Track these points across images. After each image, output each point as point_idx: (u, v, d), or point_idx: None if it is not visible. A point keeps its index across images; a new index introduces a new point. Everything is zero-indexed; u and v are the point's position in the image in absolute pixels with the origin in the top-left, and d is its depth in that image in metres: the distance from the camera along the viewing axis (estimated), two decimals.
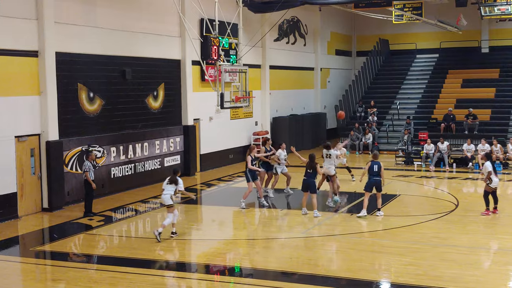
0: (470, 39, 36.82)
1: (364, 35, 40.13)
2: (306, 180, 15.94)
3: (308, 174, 15.93)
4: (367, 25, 38.50)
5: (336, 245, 13.49)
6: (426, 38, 38.30)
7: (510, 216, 16.25)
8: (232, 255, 13.16)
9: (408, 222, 15.32)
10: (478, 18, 30.95)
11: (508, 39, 36.16)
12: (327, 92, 36.46)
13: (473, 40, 37.08)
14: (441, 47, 37.85)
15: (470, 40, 36.82)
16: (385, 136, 30.65)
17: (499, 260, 12.15)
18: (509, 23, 36.02)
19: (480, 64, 35.03)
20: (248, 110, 27.37)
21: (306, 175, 15.98)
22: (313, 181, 15.88)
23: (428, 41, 38.32)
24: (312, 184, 15.86)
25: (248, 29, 25.34)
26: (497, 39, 36.82)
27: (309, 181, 15.86)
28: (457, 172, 23.82)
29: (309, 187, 15.85)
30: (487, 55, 36.90)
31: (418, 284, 10.75)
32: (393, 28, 35.30)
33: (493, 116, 30.05)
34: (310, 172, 15.88)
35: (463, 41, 36.57)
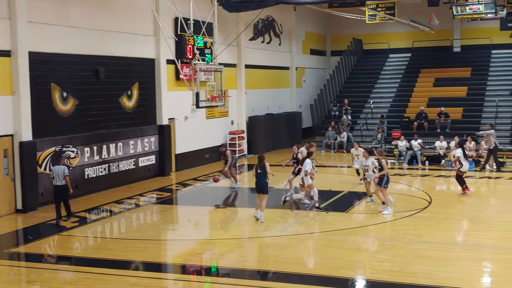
0: (442, 39, 37.30)
1: (338, 34, 40.37)
2: (259, 181, 15.38)
3: (259, 174, 15.39)
4: (341, 25, 38.73)
5: (312, 243, 13.55)
6: (399, 37, 38.68)
7: (483, 213, 16.51)
8: (209, 255, 13.15)
9: (383, 219, 15.47)
10: (450, 17, 31.30)
11: (480, 38, 36.72)
12: (303, 91, 36.61)
13: (445, 40, 37.57)
14: (413, 46, 38.27)
15: (442, 39, 37.30)
16: (360, 135, 30.89)
17: (473, 256, 12.33)
18: (480, 22, 36.51)
19: (452, 63, 35.51)
20: (223, 110, 27.34)
21: (257, 176, 15.43)
22: (265, 182, 15.37)
23: (401, 41, 38.71)
24: (264, 185, 15.38)
25: (223, 28, 25.30)
26: (469, 38, 37.36)
27: (262, 182, 15.34)
28: (429, 169, 24.09)
29: (261, 188, 15.34)
30: (459, 54, 37.42)
31: (393, 280, 10.87)
32: (366, 28, 35.55)
33: (464, 114, 30.48)
34: (260, 173, 15.37)
35: (435, 41, 37.03)
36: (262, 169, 15.37)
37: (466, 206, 17.43)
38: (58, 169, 15.66)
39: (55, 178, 15.62)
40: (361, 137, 30.72)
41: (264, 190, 15.31)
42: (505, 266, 11.67)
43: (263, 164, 15.41)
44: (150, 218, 17.08)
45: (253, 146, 29.53)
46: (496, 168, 23.30)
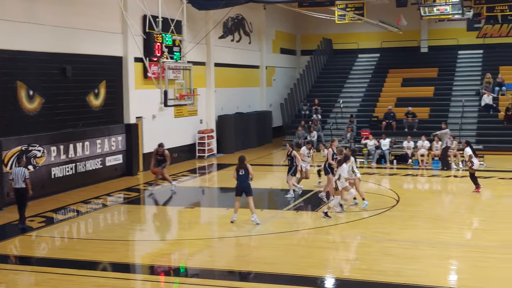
0: (410, 39, 37.68)
1: (308, 34, 40.50)
2: (242, 183, 14.99)
3: (241, 176, 15.02)
4: (311, 24, 38.85)
5: (282, 243, 13.52)
6: (368, 38, 38.97)
7: (449, 211, 16.71)
8: (177, 255, 13.02)
9: (352, 218, 15.53)
10: (418, 18, 31.68)
11: (447, 39, 37.23)
12: (273, 90, 36.62)
13: (413, 40, 37.97)
14: (382, 46, 38.60)
15: (410, 40, 37.68)
16: (329, 134, 31.00)
17: (440, 254, 12.45)
18: (447, 23, 37.01)
19: (419, 64, 35.92)
20: (192, 108, 27.16)
21: (240, 178, 15.03)
22: (249, 183, 15.07)
23: (370, 41, 39.01)
24: (249, 186, 15.07)
25: (192, 26, 25.15)
26: (436, 39, 37.84)
27: (246, 184, 15.01)
28: (397, 168, 24.32)
29: (247, 190, 15.05)
30: (426, 55, 37.87)
31: (363, 278, 10.90)
32: (336, 27, 35.75)
33: (431, 114, 30.84)
34: (243, 175, 15.02)
35: (403, 41, 37.38)
36: (245, 170, 15.00)
37: (433, 204, 17.62)
38: (18, 171, 14.92)
39: (14, 180, 14.87)
40: (330, 136, 30.81)
41: (250, 191, 15.01)
42: (471, 263, 11.81)
43: (245, 165, 15.05)
44: (117, 218, 16.87)
45: (223, 145, 29.41)
46: (442, 167, 23.67)
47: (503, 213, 16.22)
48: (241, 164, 15.02)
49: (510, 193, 18.68)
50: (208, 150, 27.85)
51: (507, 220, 15.37)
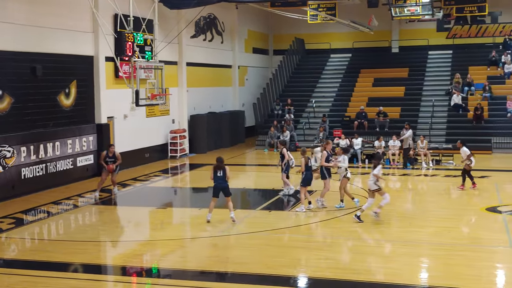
0: (381, 39, 38.05)
1: (280, 34, 40.60)
2: (220, 184, 14.84)
3: (219, 178, 14.85)
4: (283, 24, 38.96)
5: (255, 242, 13.52)
6: (340, 38, 39.22)
7: (421, 210, 16.90)
8: (149, 256, 12.93)
9: (325, 217, 15.61)
10: (389, 19, 31.97)
11: (417, 39, 37.67)
12: (245, 90, 36.63)
13: (384, 40, 38.34)
14: (353, 47, 38.89)
15: (381, 40, 38.05)
16: (302, 133, 31.14)
17: (412, 252, 12.58)
18: (418, 23, 37.45)
19: (390, 64, 36.28)
20: (164, 108, 27.02)
21: (217, 179, 14.88)
22: (227, 184, 14.97)
23: (342, 41, 39.26)
24: (227, 187, 14.98)
25: (164, 25, 25.00)
26: (407, 39, 38.26)
27: (224, 185, 14.90)
28: (369, 167, 24.42)
29: (225, 191, 14.93)
30: (397, 55, 38.26)
31: (335, 277, 10.96)
32: (308, 27, 35.88)
33: (402, 114, 31.16)
34: (221, 176, 14.86)
35: (374, 41, 37.73)
36: (223, 171, 14.88)
37: (404, 203, 17.82)
38: None
39: None
40: (303, 136, 30.98)
41: (228, 192, 14.93)
42: (442, 261, 11.95)
43: (223, 166, 14.91)
44: (89, 219, 16.70)
45: (195, 145, 29.30)
46: (403, 166, 23.99)
47: (472, 211, 16.47)
48: (220, 165, 14.91)
49: (478, 192, 18.96)
50: (180, 150, 27.74)
51: (476, 218, 15.61)
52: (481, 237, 13.75)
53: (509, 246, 12.96)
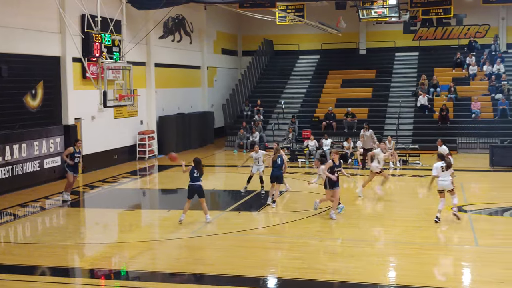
0: (349, 41, 38.39)
1: (249, 35, 40.66)
2: (195, 184, 14.79)
3: (196, 178, 14.83)
4: (252, 25, 39.05)
5: (224, 244, 13.52)
6: (308, 39, 39.45)
7: (387, 209, 17.10)
8: (118, 258, 12.83)
9: (294, 217, 15.68)
10: (357, 20, 32.30)
11: (384, 41, 38.11)
12: (214, 90, 36.58)
13: (351, 42, 38.69)
14: (322, 48, 39.15)
15: (349, 42, 38.39)
16: (271, 134, 31.22)
17: (379, 251, 12.74)
18: (385, 25, 37.97)
19: (358, 65, 36.63)
20: (132, 109, 26.83)
21: (194, 179, 14.82)
22: (201, 186, 14.91)
23: (310, 42, 39.49)
24: (201, 188, 14.90)
25: (132, 26, 24.85)
26: (374, 41, 38.68)
27: (197, 186, 14.83)
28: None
29: (199, 192, 14.88)
30: (365, 57, 38.66)
31: (303, 278, 11.04)
32: (277, 29, 36.04)
33: (370, 114, 31.50)
34: (197, 176, 14.84)
35: (342, 43, 38.05)
36: (199, 172, 14.82)
37: (372, 203, 18.00)
38: None
39: None
40: (273, 137, 31.07)
41: (202, 194, 14.89)
42: (410, 260, 12.12)
43: (201, 168, 14.85)
44: (56, 222, 16.49)
45: (164, 146, 29.14)
46: (362, 166, 24.31)
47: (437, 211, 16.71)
48: (198, 166, 14.85)
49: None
50: (149, 152, 27.56)
51: (441, 217, 15.85)
52: (447, 236, 13.98)
53: (475, 244, 13.21)
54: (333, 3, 34.15)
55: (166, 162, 26.70)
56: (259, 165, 18.97)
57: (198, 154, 29.35)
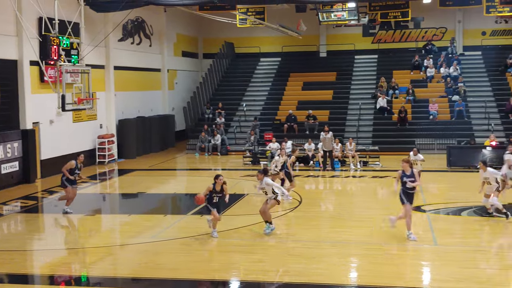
0: (310, 44, 38.68)
1: (210, 37, 40.58)
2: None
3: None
4: (212, 28, 38.99)
5: (186, 248, 13.44)
6: (269, 42, 39.61)
7: (349, 210, 17.27)
8: (78, 264, 12.64)
9: (256, 220, 15.67)
10: (317, 23, 32.56)
11: (344, 44, 38.51)
12: (175, 93, 36.37)
13: (312, 45, 38.99)
14: (283, 51, 39.34)
15: (309, 44, 38.68)
16: (233, 137, 31.23)
17: (341, 252, 12.84)
18: (344, 28, 38.38)
19: (318, 68, 36.94)
20: (92, 113, 26.46)
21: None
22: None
23: (271, 45, 39.66)
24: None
25: (91, 28, 24.54)
26: (334, 44, 39.06)
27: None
28: (299, 170, 24.84)
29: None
30: (325, 59, 38.99)
31: (266, 280, 11.06)
32: (238, 31, 36.04)
33: (331, 117, 31.79)
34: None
35: (303, 46, 38.33)
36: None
37: (334, 204, 18.18)
38: None
39: None
40: (234, 140, 31.09)
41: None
42: (370, 260, 12.25)
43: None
44: (14, 228, 16.14)
45: (124, 150, 28.84)
46: (323, 168, 24.58)
47: (397, 211, 16.93)
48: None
49: None
50: (108, 156, 27.23)
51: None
52: (407, 236, 14.17)
53: (433, 244, 13.44)
54: (293, 6, 34.35)
55: (127, 166, 26.48)
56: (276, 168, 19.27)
57: (159, 157, 29.21)
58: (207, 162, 28.37)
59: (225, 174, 18.79)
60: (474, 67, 35.38)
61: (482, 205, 16.13)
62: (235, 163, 27.21)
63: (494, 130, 28.60)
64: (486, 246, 12.92)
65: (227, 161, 28.28)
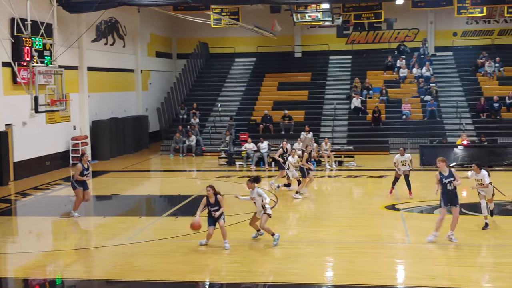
0: (284, 44, 38.78)
1: (184, 38, 40.43)
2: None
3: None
4: (186, 28, 38.85)
5: (161, 249, 13.39)
6: (244, 42, 39.61)
7: (324, 210, 17.38)
8: (53, 267, 12.51)
9: (233, 221, 15.68)
10: (291, 24, 32.68)
11: (318, 45, 38.71)
12: (149, 94, 36.17)
13: (287, 45, 39.10)
14: (258, 51, 39.39)
15: (284, 45, 38.78)
16: (208, 138, 31.18)
17: (316, 252, 12.92)
18: (319, 29, 38.58)
19: (293, 68, 37.07)
20: (65, 114, 26.18)
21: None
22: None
23: (246, 45, 39.67)
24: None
25: (64, 29, 24.29)
26: (309, 45, 39.23)
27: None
28: (275, 170, 24.88)
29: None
30: (300, 60, 39.13)
31: (242, 281, 11.08)
32: (212, 31, 35.98)
33: (306, 117, 31.94)
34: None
35: (278, 46, 38.41)
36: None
37: (310, 204, 18.26)
38: None
39: None
40: (210, 140, 31.05)
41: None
42: (345, 259, 12.35)
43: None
44: None
45: (98, 152, 28.61)
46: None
47: (372, 209, 17.12)
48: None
49: (378, 191, 19.76)
50: None
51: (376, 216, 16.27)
52: (381, 235, 14.33)
53: (407, 242, 13.60)
54: (267, 7, 34.43)
55: (100, 167, 26.27)
56: (291, 170, 19.25)
57: (133, 159, 29.04)
58: (182, 163, 28.29)
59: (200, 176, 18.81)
60: (446, 67, 35.88)
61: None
62: (210, 164, 27.17)
63: (465, 129, 29.06)
64: (458, 243, 13.11)
65: (202, 162, 28.23)
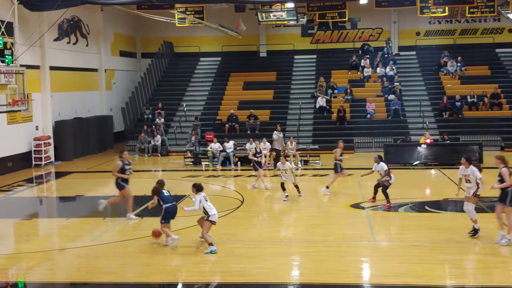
0: (250, 44, 38.78)
1: (148, 37, 40.08)
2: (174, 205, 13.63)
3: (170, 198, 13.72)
4: (151, 27, 38.55)
5: (125, 251, 13.23)
6: (209, 41, 39.48)
7: (290, 209, 17.40)
8: (15, 270, 12.25)
9: (195, 222, 15.59)
10: (256, 23, 32.68)
11: (283, 44, 38.82)
12: (113, 94, 35.76)
13: (252, 45, 39.10)
14: (223, 50, 39.30)
15: (249, 44, 38.78)
16: (174, 137, 30.98)
17: (283, 251, 12.92)
18: (284, 29, 38.68)
19: (259, 68, 37.10)
20: (27, 114, 25.69)
21: (169, 199, 13.59)
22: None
23: (211, 45, 39.55)
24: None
25: (25, 28, 23.82)
26: (274, 44, 39.30)
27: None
28: (241, 170, 24.91)
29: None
30: (265, 59, 39.18)
31: (208, 281, 11.04)
32: (177, 31, 35.78)
33: (272, 116, 32.00)
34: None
35: (243, 45, 38.40)
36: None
37: (275, 203, 18.26)
38: None
39: None
40: (175, 140, 30.86)
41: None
42: (312, 258, 12.39)
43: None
44: None
45: (61, 152, 28.16)
46: (274, 167, 24.88)
47: (337, 208, 17.23)
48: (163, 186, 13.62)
49: (343, 190, 19.88)
50: (45, 158, 26.53)
51: (340, 215, 16.37)
52: (347, 233, 14.41)
53: (372, 240, 13.71)
54: (232, 6, 34.39)
55: (64, 168, 25.87)
56: (287, 175, 18.30)
57: (98, 159, 28.68)
58: (147, 163, 28.04)
59: (166, 176, 18.66)
60: (409, 66, 36.38)
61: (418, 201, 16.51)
62: (176, 164, 27.00)
63: (428, 128, 29.50)
64: (422, 241, 13.28)
65: (168, 162, 28.04)
